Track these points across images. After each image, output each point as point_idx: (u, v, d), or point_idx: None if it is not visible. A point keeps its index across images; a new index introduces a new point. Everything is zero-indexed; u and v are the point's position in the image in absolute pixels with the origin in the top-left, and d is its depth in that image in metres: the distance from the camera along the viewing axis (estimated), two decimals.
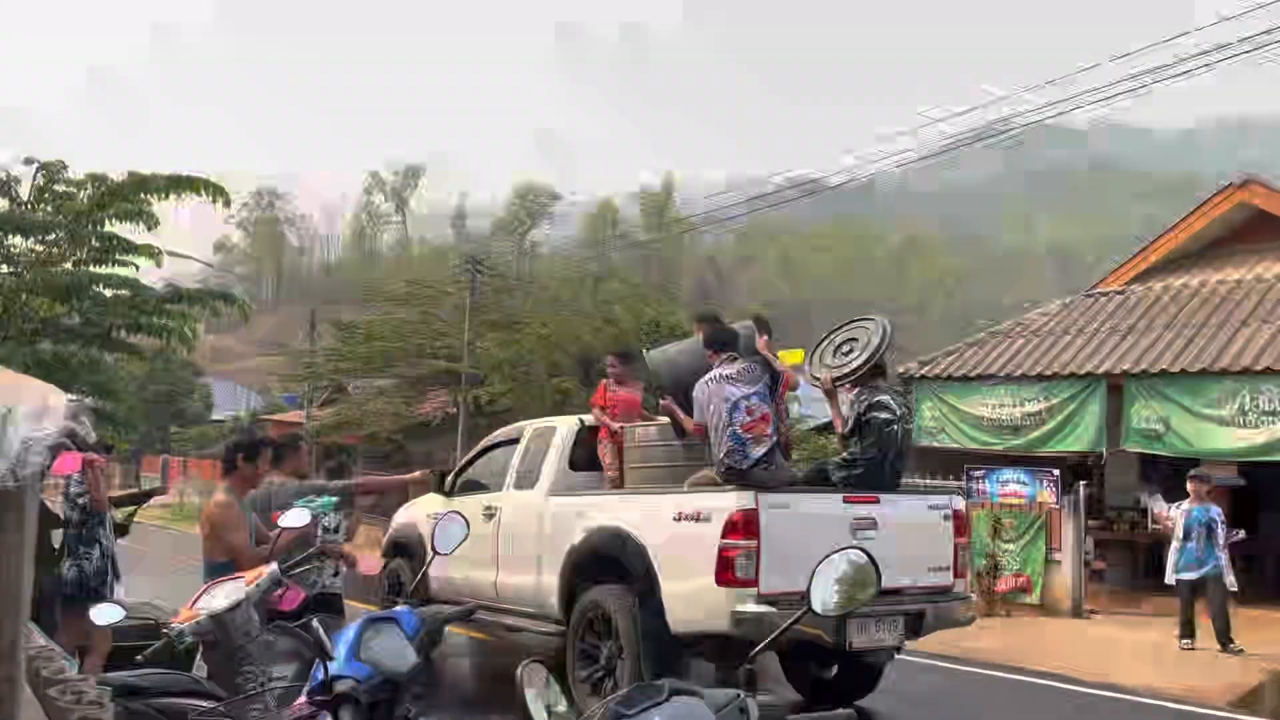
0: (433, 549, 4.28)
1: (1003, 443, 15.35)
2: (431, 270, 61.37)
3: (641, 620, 6.24)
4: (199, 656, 4.91)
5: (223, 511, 5.74)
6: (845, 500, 6.45)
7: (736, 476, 6.19)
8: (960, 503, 7.36)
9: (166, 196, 9.64)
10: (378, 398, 26.68)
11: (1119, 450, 14.40)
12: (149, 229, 9.90)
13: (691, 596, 6.05)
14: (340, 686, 2.95)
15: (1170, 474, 14.05)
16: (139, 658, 5.12)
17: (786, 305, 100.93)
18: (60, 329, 9.79)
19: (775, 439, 6.38)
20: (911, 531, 6.62)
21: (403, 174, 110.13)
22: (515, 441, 8.44)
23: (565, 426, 8.09)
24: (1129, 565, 14.75)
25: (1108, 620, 12.81)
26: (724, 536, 5.84)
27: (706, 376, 6.54)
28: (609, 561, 6.60)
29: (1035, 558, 13.23)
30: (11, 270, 9.33)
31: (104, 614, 5.00)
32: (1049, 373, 15.03)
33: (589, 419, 7.94)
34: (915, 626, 6.57)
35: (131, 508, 8.75)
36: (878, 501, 6.51)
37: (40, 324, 9.70)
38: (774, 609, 5.78)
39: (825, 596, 2.36)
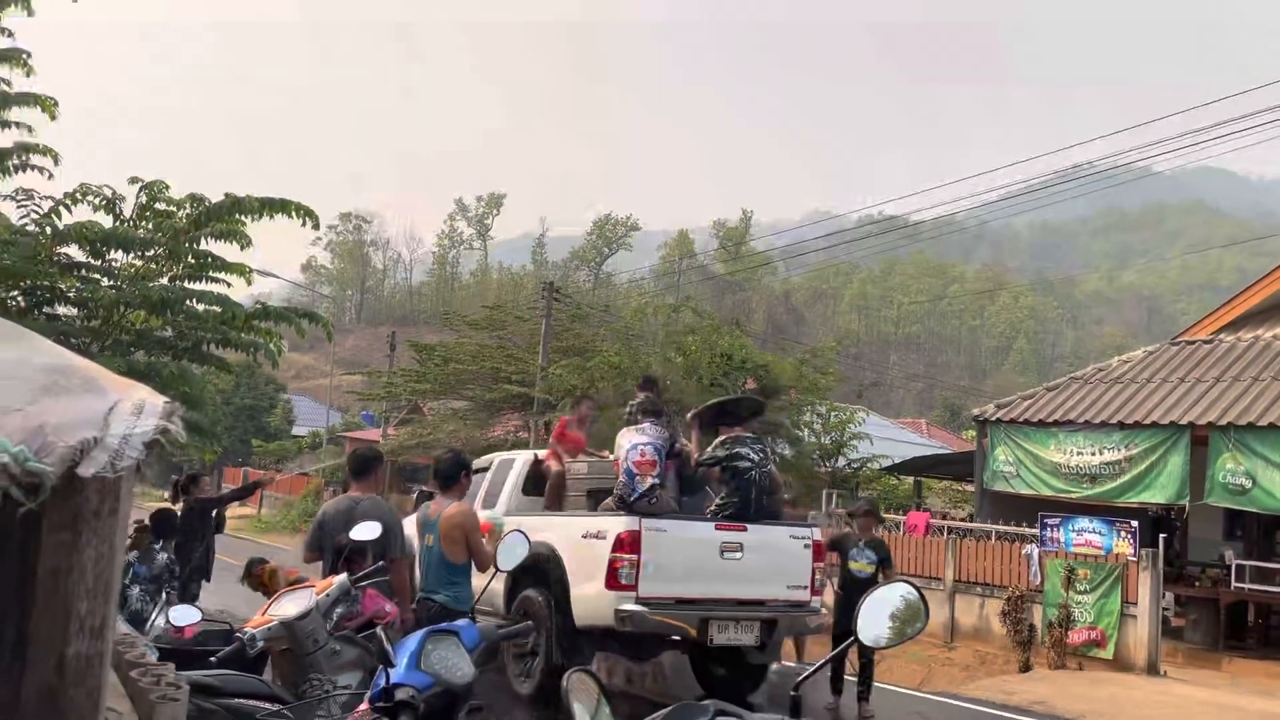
0: (495, 566, 4.38)
1: (1079, 491, 14.98)
2: (509, 296, 62.36)
3: (555, 616, 7.78)
4: (270, 661, 5.09)
5: (472, 519, 6.27)
6: (717, 527, 7.81)
7: (625, 506, 7.62)
8: (819, 533, 8.67)
9: (259, 217, 9.98)
10: (452, 419, 27.12)
11: (1202, 504, 13.94)
12: (242, 248, 10.25)
13: (590, 598, 7.47)
14: (400, 694, 3.04)
15: (1256, 530, 13.53)
16: (212, 659, 5.33)
17: (862, 342, 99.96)
18: (154, 340, 10.18)
19: (659, 481, 7.75)
20: (774, 554, 8.01)
21: (486, 201, 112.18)
22: (486, 469, 10.02)
23: (522, 459, 9.81)
24: (1210, 624, 14.20)
25: (1184, 680, 12.34)
26: (613, 551, 7.31)
27: (625, 430, 8.13)
28: (539, 570, 7.83)
29: (1110, 611, 12.83)
30: (112, 284, 9.75)
31: (182, 615, 5.21)
32: (1130, 421, 14.65)
33: (541, 453, 9.59)
34: (769, 631, 7.95)
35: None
36: (745, 529, 7.86)
37: (136, 335, 10.10)
38: (647, 609, 7.27)
39: (877, 630, 2.38)
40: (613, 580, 7.28)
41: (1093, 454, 14.98)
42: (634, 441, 7.83)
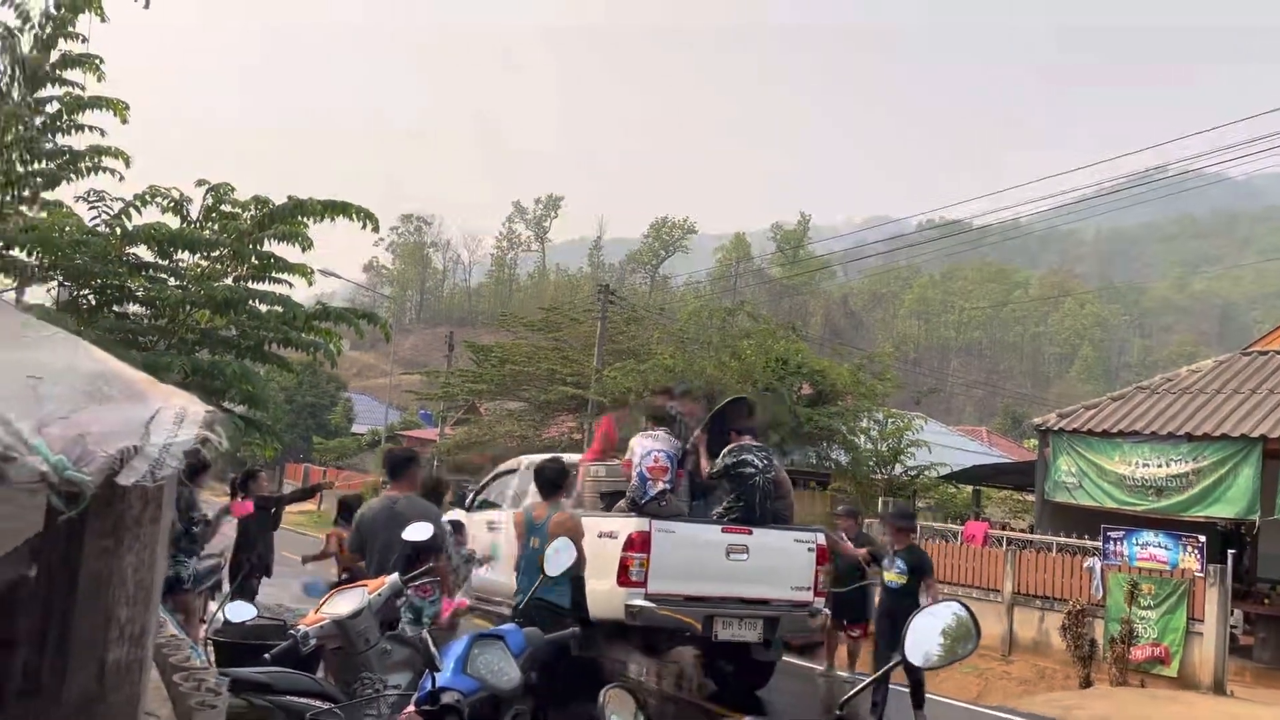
0: (542, 572, 4.40)
1: (1145, 504, 14.59)
2: (565, 298, 62.68)
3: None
4: (322, 659, 5.16)
5: (578, 524, 6.66)
6: (723, 530, 8.25)
7: (636, 508, 8.06)
8: (823, 538, 9.03)
9: (321, 219, 10.15)
10: (508, 420, 27.34)
11: (1273, 519, 13.49)
12: (304, 250, 10.42)
13: (602, 593, 7.73)
14: (446, 698, 3.05)
15: None
16: (266, 655, 5.42)
17: (921, 346, 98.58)
18: (218, 339, 10.38)
19: (670, 486, 8.13)
20: (778, 557, 8.45)
21: (544, 204, 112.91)
22: (514, 471, 10.68)
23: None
24: None
25: (1252, 700, 11.94)
26: (624, 550, 7.77)
27: (638, 436, 8.58)
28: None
29: (1175, 627, 12.47)
30: (179, 284, 9.97)
31: (237, 611, 5.30)
32: (1199, 433, 14.23)
33: (570, 456, 9.89)
34: (772, 629, 8.37)
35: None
36: (750, 533, 8.29)
37: (201, 334, 10.33)
38: (655, 605, 7.71)
39: (927, 648, 2.32)
40: (624, 577, 7.74)
41: (1159, 466, 14.58)
42: (647, 448, 8.28)
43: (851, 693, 2.21)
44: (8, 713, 1.38)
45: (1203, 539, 12.83)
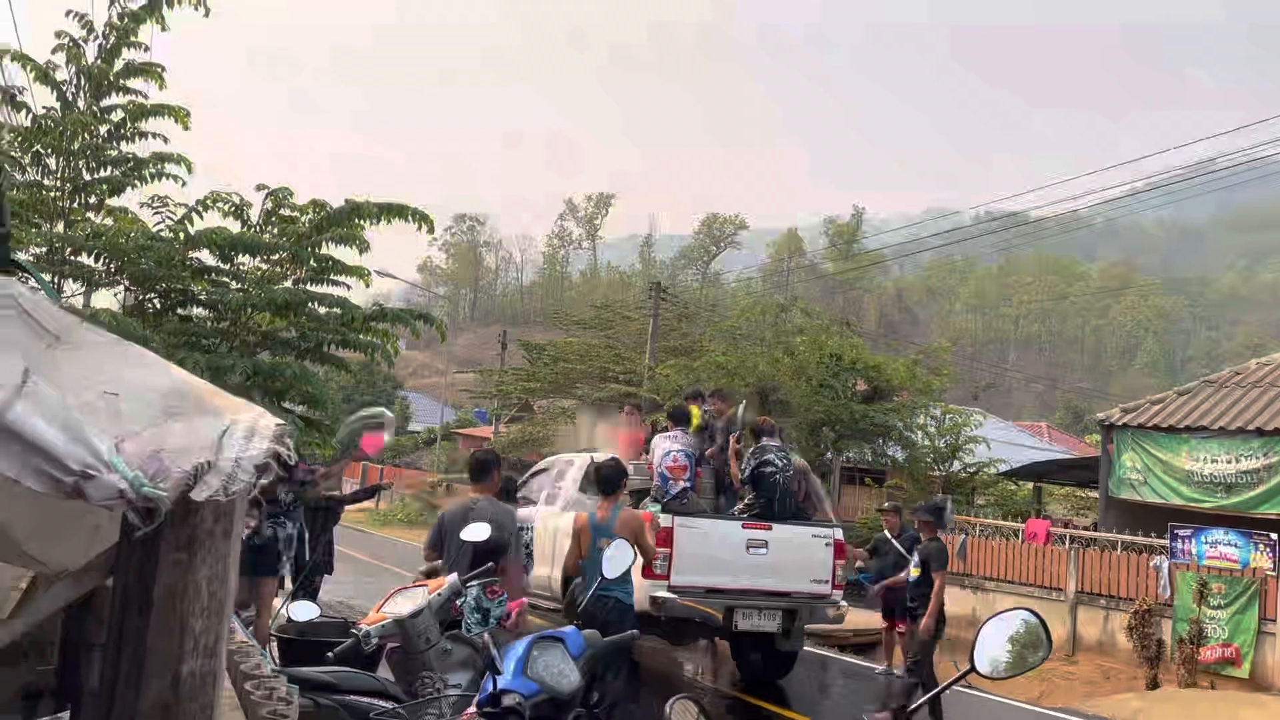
0: (601, 574, 4.40)
1: (1213, 501, 14.22)
2: (617, 295, 62.82)
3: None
4: (384, 657, 5.22)
5: (642, 522, 6.97)
6: (744, 526, 8.64)
7: (659, 505, 8.53)
8: (840, 534, 9.30)
9: (378, 222, 10.28)
10: (561, 417, 27.46)
11: None
12: (360, 252, 10.57)
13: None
14: (507, 700, 3.06)
15: None
16: (330, 654, 5.49)
17: (979, 342, 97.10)
18: (278, 341, 10.58)
19: (690, 484, 8.69)
20: (796, 551, 8.80)
21: (595, 201, 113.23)
22: (548, 470, 11.16)
23: (580, 461, 10.58)
24: None
25: None
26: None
27: (658, 436, 9.14)
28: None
29: (1246, 628, 12.13)
30: (240, 287, 10.16)
31: (300, 610, 5.39)
32: (1270, 428, 13.82)
33: (599, 456, 10.03)
34: (791, 619, 8.75)
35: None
36: (770, 528, 8.68)
37: (262, 336, 10.53)
38: (678, 596, 8.10)
39: (995, 655, 2.27)
40: (648, 570, 7.90)
41: (1228, 462, 14.19)
42: (667, 449, 8.82)
43: (919, 701, 2.17)
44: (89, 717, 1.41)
45: (1275, 537, 12.46)
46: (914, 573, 9.02)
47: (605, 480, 6.88)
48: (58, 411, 1.17)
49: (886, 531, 11.20)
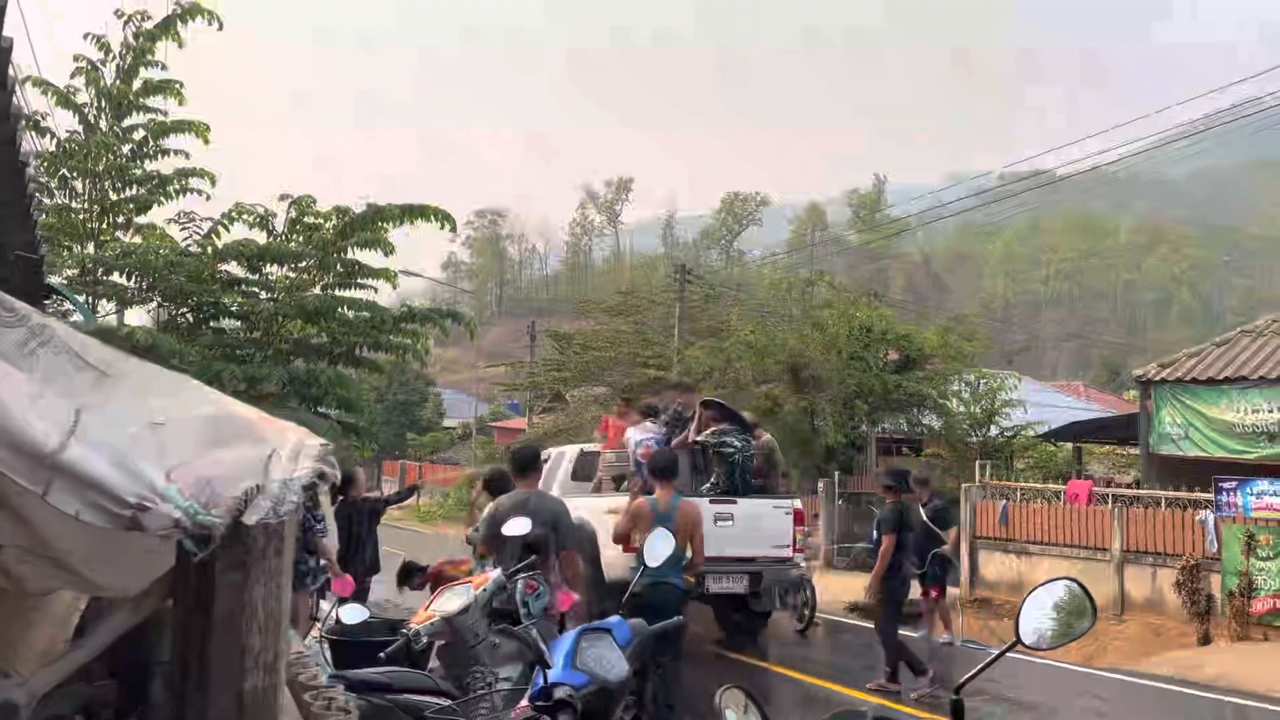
0: (642, 563, 4.45)
1: (1257, 451, 14.04)
2: (642, 279, 62.78)
3: (591, 574, 9.11)
4: (434, 654, 5.30)
5: (700, 514, 7.35)
6: (711, 502, 9.37)
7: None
8: (798, 504, 10.56)
9: (400, 224, 10.37)
10: (593, 405, 27.53)
11: None
12: (385, 254, 10.66)
13: (613, 559, 9.07)
14: (559, 693, 3.10)
15: None
16: (381, 654, 5.58)
17: (1010, 304, 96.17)
18: (310, 348, 10.71)
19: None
20: (760, 521, 9.74)
21: (614, 186, 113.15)
22: (545, 460, 11.57)
23: (572, 450, 11.95)
24: None
25: None
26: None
27: (631, 429, 10.17)
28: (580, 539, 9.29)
29: None
30: (269, 296, 10.29)
31: (350, 614, 5.47)
32: None
33: (587, 447, 11.82)
34: (757, 582, 9.76)
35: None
36: (735, 502, 9.64)
37: (294, 344, 10.66)
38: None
39: (1040, 626, 2.27)
40: (628, 545, 8.37)
41: (1270, 411, 14.01)
42: (639, 439, 9.84)
43: (969, 675, 2.18)
44: None
45: None
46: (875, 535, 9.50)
47: (661, 469, 7.18)
48: (109, 447, 1.21)
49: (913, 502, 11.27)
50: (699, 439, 10.09)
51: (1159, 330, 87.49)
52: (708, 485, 9.97)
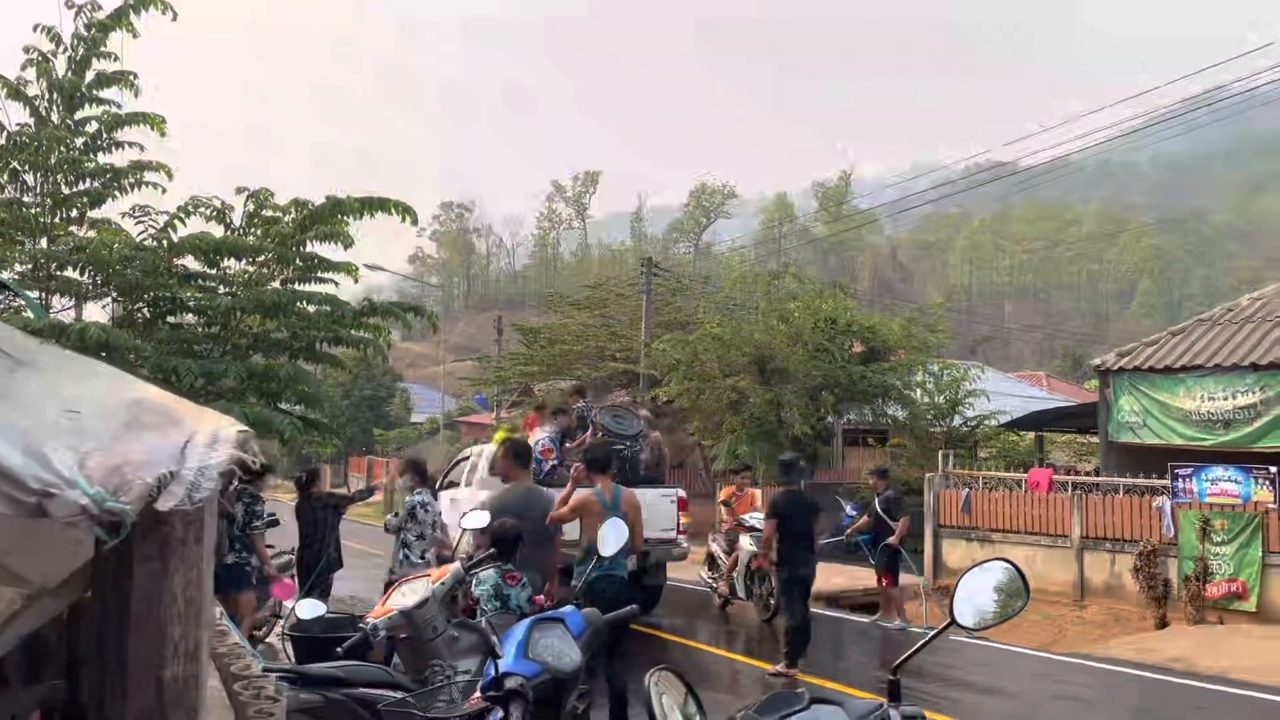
0: (598, 554, 4.46)
1: (1212, 438, 14.30)
2: (610, 273, 62.73)
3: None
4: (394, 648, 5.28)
5: (638, 499, 7.46)
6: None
7: (537, 481, 9.58)
8: (681, 492, 11.85)
9: (360, 217, 10.25)
10: (561, 399, 27.48)
11: None
12: (345, 248, 10.54)
13: None
14: (510, 683, 3.10)
15: None
16: (339, 649, 5.56)
17: (974, 293, 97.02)
18: (269, 343, 10.55)
19: (559, 462, 10.79)
20: (649, 508, 9.93)
21: (582, 180, 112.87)
22: (468, 457, 13.90)
23: (489, 449, 13.05)
24: None
25: None
26: None
27: (535, 429, 11.73)
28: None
29: (1251, 562, 12.23)
30: (227, 290, 10.14)
31: (307, 609, 5.44)
32: (1265, 362, 13.89)
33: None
34: (645, 559, 10.60)
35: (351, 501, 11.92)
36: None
37: (253, 339, 10.52)
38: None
39: (976, 606, 2.31)
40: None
41: (1225, 399, 14.26)
42: (538, 438, 11.09)
43: (903, 656, 2.21)
44: None
45: (1275, 470, 12.54)
46: None
47: (598, 460, 7.16)
48: (17, 434, 1.19)
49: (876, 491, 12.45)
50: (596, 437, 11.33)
51: (1121, 320, 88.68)
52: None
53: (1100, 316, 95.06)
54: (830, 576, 13.35)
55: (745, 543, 12.30)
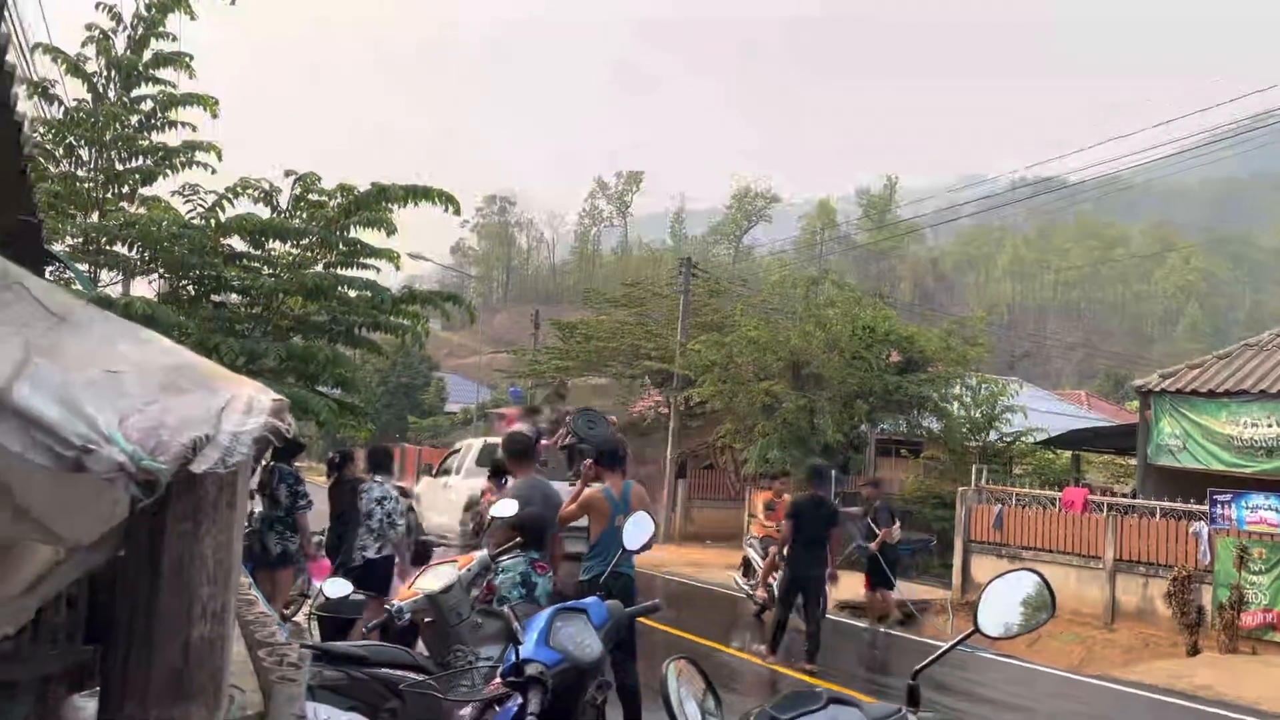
0: (622, 546, 4.47)
1: (1254, 465, 14.01)
2: (649, 272, 62.72)
3: (475, 532, 11.32)
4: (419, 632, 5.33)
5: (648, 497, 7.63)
6: (569, 485, 9.79)
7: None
8: (639, 486, 11.23)
9: (405, 204, 10.35)
10: (594, 395, 27.56)
11: None
12: (388, 235, 10.64)
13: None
14: (530, 670, 3.11)
15: None
16: (365, 629, 5.62)
17: (1016, 309, 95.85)
18: (310, 325, 10.69)
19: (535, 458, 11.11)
20: None
21: (625, 178, 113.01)
22: (459, 450, 16.85)
23: (478, 444, 16.35)
24: None
25: None
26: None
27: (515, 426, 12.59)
28: (473, 508, 12.17)
29: None
30: (271, 272, 10.29)
31: (333, 587, 5.51)
32: None
33: (491, 439, 15.57)
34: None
35: None
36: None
37: (294, 320, 10.66)
38: None
39: (1001, 616, 2.29)
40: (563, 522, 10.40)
41: (1269, 426, 13.98)
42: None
43: (924, 663, 2.19)
44: (106, 685, 1.47)
45: None
46: None
47: (609, 456, 7.23)
48: (59, 389, 1.22)
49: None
50: (566, 442, 12.92)
51: (1166, 342, 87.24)
52: (572, 473, 11.76)
53: (1144, 338, 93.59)
54: (848, 583, 13.27)
55: None
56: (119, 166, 10.26)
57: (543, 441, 11.91)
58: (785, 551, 10.30)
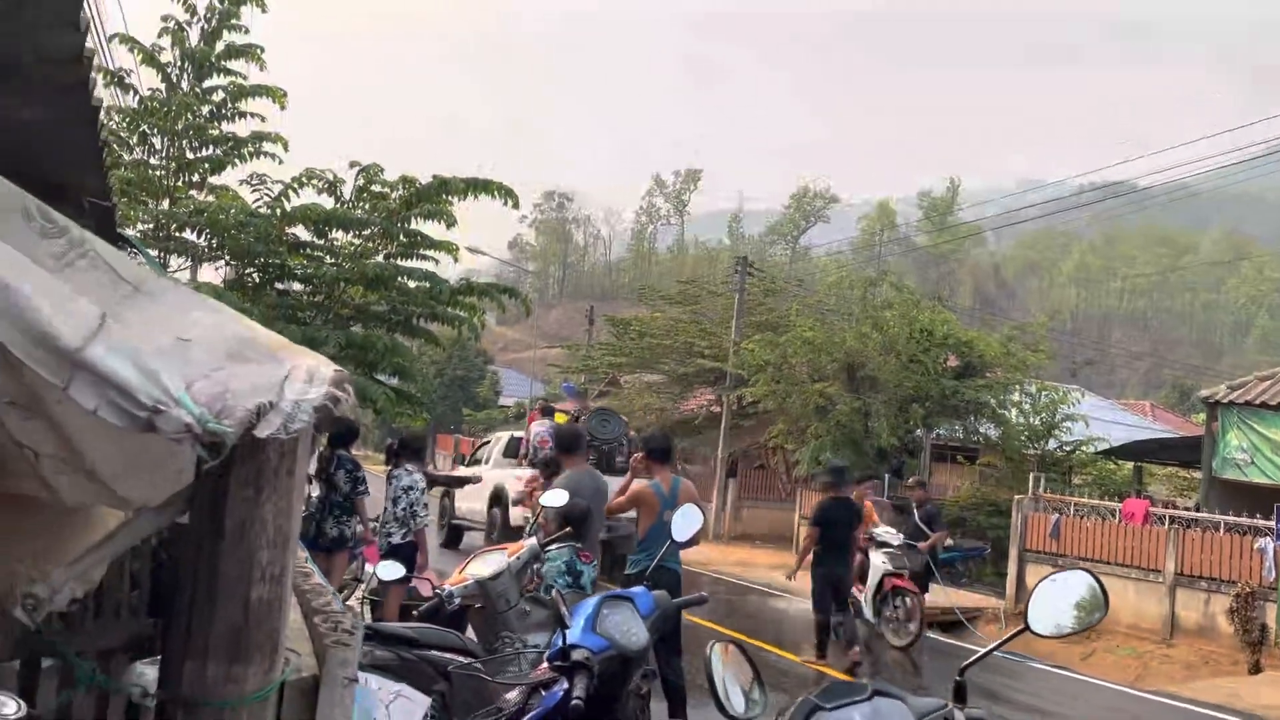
0: (670, 539, 4.50)
1: None
2: (704, 271, 62.64)
3: (500, 518, 14.93)
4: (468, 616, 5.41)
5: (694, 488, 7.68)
6: (590, 474, 10.92)
7: (532, 464, 12.90)
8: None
9: (465, 197, 10.49)
10: (647, 392, 27.60)
11: None
12: (448, 227, 10.80)
13: (518, 513, 12.83)
14: (576, 655, 3.14)
15: None
16: (415, 612, 5.71)
17: (1080, 317, 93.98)
18: (369, 314, 10.90)
19: (551, 453, 10.94)
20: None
21: (683, 177, 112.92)
22: (490, 442, 18.25)
23: (507, 436, 17.86)
24: None
25: None
26: (525, 484, 11.71)
27: (534, 424, 14.65)
28: (499, 496, 15.23)
29: None
30: (333, 261, 10.49)
31: (387, 570, 5.61)
32: None
33: (519, 434, 16.98)
34: (616, 530, 11.45)
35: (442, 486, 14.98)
36: (604, 477, 10.45)
37: (354, 310, 10.87)
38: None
39: (1051, 615, 2.26)
40: (526, 504, 10.83)
41: None
42: (538, 430, 13.53)
43: (971, 659, 2.17)
44: (167, 650, 1.52)
45: None
46: None
47: (658, 451, 7.32)
48: (132, 353, 1.27)
49: (915, 502, 13.30)
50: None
51: (1236, 354, 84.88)
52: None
53: (1213, 349, 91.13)
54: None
55: (877, 559, 11.65)
56: (190, 155, 10.53)
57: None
58: (813, 555, 10.28)
